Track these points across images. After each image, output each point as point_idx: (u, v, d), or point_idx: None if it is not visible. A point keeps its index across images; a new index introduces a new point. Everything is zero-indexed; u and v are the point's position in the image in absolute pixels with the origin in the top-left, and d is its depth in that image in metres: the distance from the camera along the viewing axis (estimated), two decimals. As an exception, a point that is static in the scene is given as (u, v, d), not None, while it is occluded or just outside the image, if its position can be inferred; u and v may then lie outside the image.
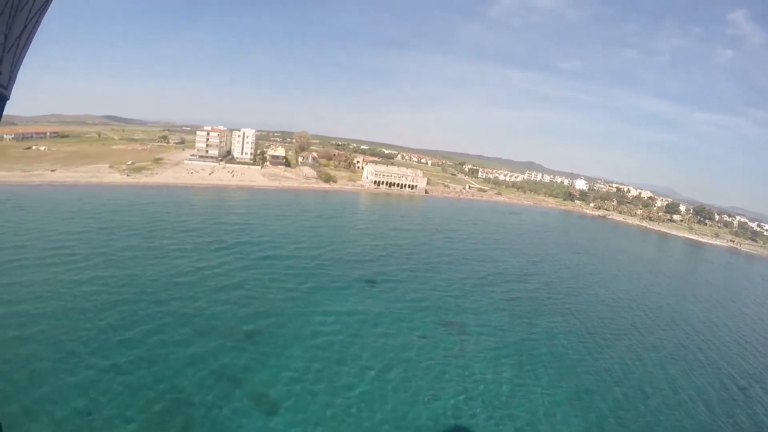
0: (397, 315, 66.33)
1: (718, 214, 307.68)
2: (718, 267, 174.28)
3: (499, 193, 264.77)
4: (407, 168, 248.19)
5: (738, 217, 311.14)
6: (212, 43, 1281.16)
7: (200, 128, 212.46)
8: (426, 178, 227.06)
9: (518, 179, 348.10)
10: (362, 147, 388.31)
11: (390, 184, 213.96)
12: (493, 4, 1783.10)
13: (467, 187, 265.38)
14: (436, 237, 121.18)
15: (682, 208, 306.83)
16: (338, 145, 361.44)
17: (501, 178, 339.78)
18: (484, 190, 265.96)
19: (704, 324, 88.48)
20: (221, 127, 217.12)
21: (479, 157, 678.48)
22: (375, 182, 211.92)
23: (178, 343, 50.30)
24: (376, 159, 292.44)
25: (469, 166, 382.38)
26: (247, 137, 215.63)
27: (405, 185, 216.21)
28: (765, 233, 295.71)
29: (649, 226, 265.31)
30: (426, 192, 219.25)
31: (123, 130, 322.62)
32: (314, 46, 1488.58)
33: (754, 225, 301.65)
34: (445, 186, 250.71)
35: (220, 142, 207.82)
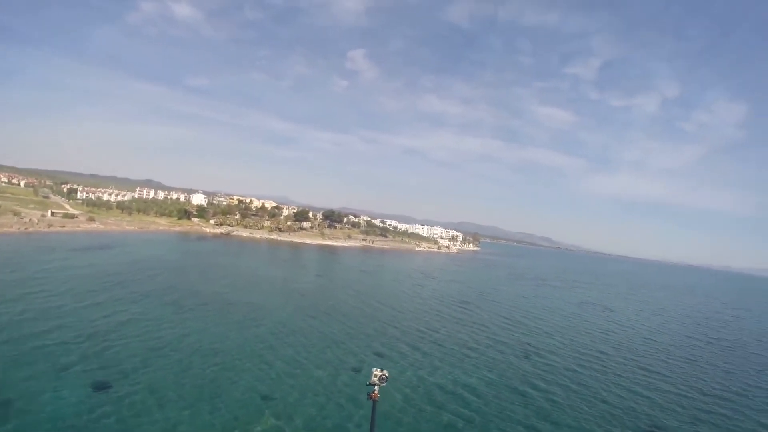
0: None
1: (345, 217, 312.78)
2: (365, 274, 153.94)
3: (92, 219, 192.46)
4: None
5: (362, 217, 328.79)
6: None
7: None
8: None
9: (126, 198, 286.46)
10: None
11: None
12: (132, 9, 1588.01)
13: (50, 213, 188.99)
14: None
15: (311, 214, 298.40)
16: None
17: (105, 197, 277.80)
18: (73, 216, 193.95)
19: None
20: None
21: (94, 176, 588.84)
22: None
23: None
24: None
25: (70, 186, 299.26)
26: None
27: None
28: (391, 228, 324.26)
29: (279, 238, 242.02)
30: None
31: None
32: None
33: (378, 222, 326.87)
34: (16, 215, 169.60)
35: None
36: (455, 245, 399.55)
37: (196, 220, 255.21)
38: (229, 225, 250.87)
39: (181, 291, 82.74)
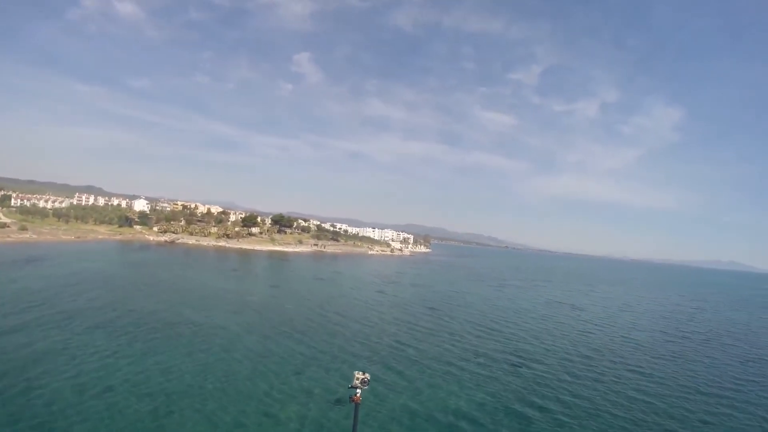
0: None
1: (295, 221, 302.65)
2: (322, 282, 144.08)
3: (24, 228, 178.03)
4: None
5: (312, 221, 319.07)
6: None
7: None
8: None
9: (64, 205, 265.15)
10: None
11: None
12: (73, 6, 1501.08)
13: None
14: None
15: (260, 219, 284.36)
16: None
17: (42, 204, 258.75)
18: (4, 225, 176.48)
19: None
20: None
21: (31, 182, 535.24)
22: None
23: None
24: None
25: (4, 192, 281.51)
26: None
27: None
28: (342, 232, 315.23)
29: (227, 245, 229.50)
30: None
31: None
32: None
33: (328, 226, 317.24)
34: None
35: None
36: (407, 247, 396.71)
37: (138, 227, 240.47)
38: (173, 232, 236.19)
39: (118, 310, 70.59)
